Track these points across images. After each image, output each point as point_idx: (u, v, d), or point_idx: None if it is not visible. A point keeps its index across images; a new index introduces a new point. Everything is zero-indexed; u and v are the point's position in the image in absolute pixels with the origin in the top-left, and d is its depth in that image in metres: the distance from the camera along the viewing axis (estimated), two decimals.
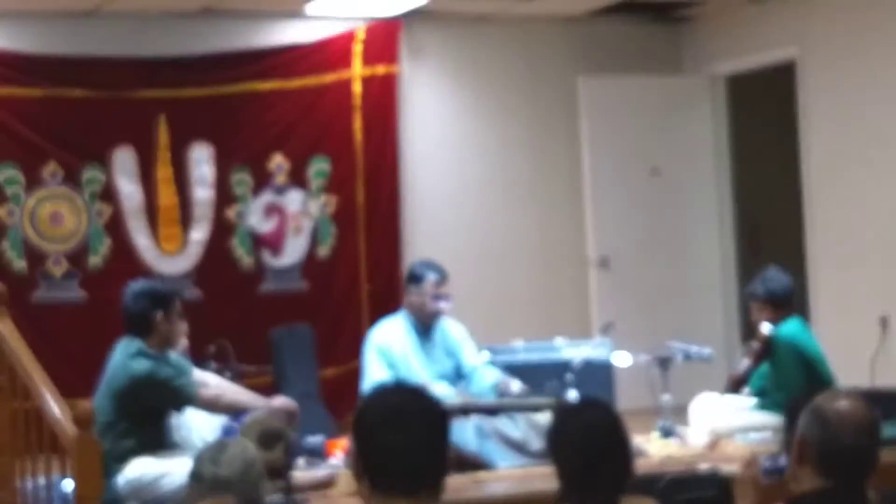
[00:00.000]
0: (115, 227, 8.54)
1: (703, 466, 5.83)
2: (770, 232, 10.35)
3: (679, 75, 9.91)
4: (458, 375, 6.98)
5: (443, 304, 6.81)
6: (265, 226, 8.90)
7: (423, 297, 6.78)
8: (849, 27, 8.59)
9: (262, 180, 8.88)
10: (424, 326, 6.87)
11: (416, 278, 6.84)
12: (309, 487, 5.76)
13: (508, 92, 9.56)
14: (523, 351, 7.82)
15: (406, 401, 2.83)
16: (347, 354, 8.62)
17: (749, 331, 7.29)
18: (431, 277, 6.79)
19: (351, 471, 2.85)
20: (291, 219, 8.94)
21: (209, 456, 4.11)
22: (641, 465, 5.27)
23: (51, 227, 8.44)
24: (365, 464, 2.79)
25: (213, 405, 5.90)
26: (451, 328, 6.97)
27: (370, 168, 9.07)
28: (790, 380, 6.72)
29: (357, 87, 9.06)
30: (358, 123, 9.06)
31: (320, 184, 9.01)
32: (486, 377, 6.89)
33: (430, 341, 6.88)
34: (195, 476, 4.09)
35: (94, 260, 8.50)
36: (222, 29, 8.82)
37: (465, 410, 6.46)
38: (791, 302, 6.96)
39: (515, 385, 6.75)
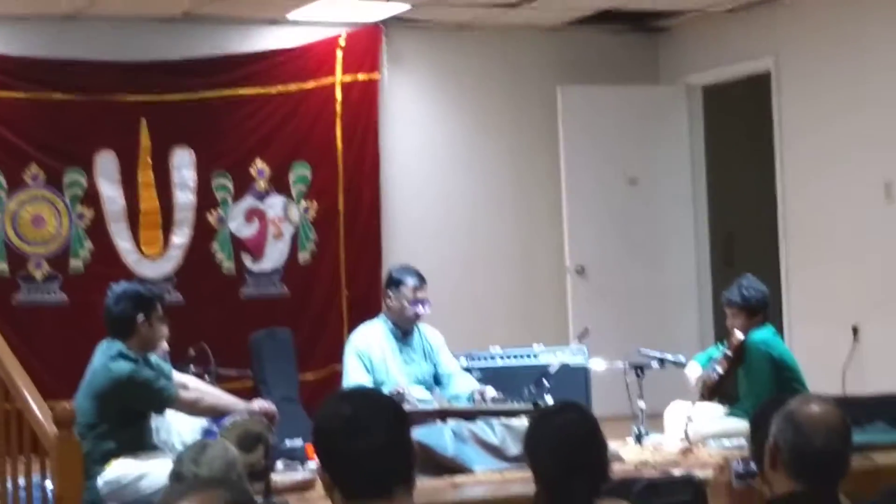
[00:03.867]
0: (97, 230, 8.56)
1: (678, 471, 5.90)
2: (744, 240, 10.44)
3: (656, 85, 9.99)
4: (435, 380, 7.04)
5: (421, 309, 6.87)
6: (246, 230, 8.94)
7: (402, 301, 6.84)
8: (823, 39, 8.69)
9: (243, 185, 8.92)
10: (403, 331, 6.93)
11: (395, 283, 6.89)
12: (288, 490, 5.80)
13: (488, 100, 9.63)
14: (501, 357, 7.88)
15: (359, 405, 2.82)
16: (327, 358, 8.69)
17: (723, 338, 7.36)
18: (410, 282, 6.86)
19: (322, 485, 2.87)
20: (272, 224, 8.98)
21: (190, 456, 4.15)
22: (617, 470, 5.33)
23: (32, 230, 8.45)
24: (332, 474, 2.78)
25: (193, 408, 5.92)
26: (429, 333, 7.03)
27: (350, 174, 9.12)
28: (762, 386, 6.78)
29: (338, 94, 9.11)
30: (339, 130, 9.11)
31: (301, 189, 9.06)
32: (461, 384, 6.95)
33: (408, 346, 6.93)
34: (176, 476, 4.14)
35: (76, 263, 8.52)
36: (204, 34, 8.86)
37: (443, 415, 6.52)
38: (766, 310, 7.04)
39: (490, 392, 6.80)
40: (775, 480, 3.34)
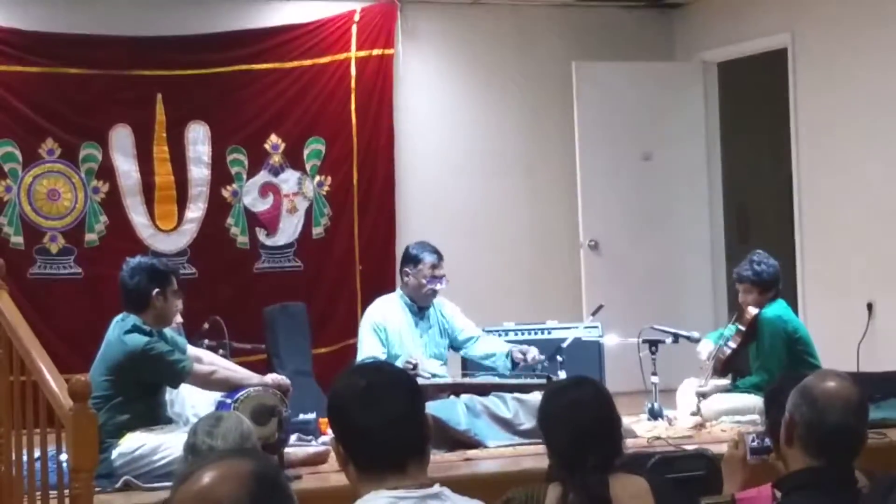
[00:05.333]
0: (112, 204, 8.56)
1: (691, 447, 5.90)
2: (759, 217, 10.40)
3: (671, 61, 9.95)
4: (458, 349, 7.06)
5: (438, 286, 6.90)
6: (260, 205, 8.94)
7: (419, 278, 6.86)
8: (839, 15, 8.63)
9: (257, 160, 8.92)
10: (419, 306, 6.94)
11: (413, 260, 6.91)
12: (301, 463, 5.83)
13: (502, 76, 9.60)
14: (514, 332, 7.87)
15: (374, 378, 2.84)
16: (340, 333, 8.70)
17: (736, 317, 7.34)
18: (428, 260, 6.87)
19: (336, 459, 2.88)
20: (286, 199, 8.99)
21: (205, 428, 4.16)
22: (630, 445, 5.34)
23: (48, 204, 8.47)
24: (346, 448, 2.79)
25: (207, 381, 5.94)
26: (444, 306, 7.05)
27: (365, 150, 9.11)
28: (774, 362, 6.78)
29: (353, 69, 9.09)
30: (353, 105, 9.09)
31: (315, 164, 9.05)
32: (488, 344, 6.98)
33: (424, 321, 6.95)
34: (190, 448, 4.15)
35: (91, 237, 8.53)
36: (220, 9, 8.84)
37: (456, 389, 6.53)
38: (778, 285, 7.02)
39: (533, 352, 6.81)
40: (791, 456, 3.34)
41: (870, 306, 8.34)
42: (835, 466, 3.28)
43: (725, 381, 7.10)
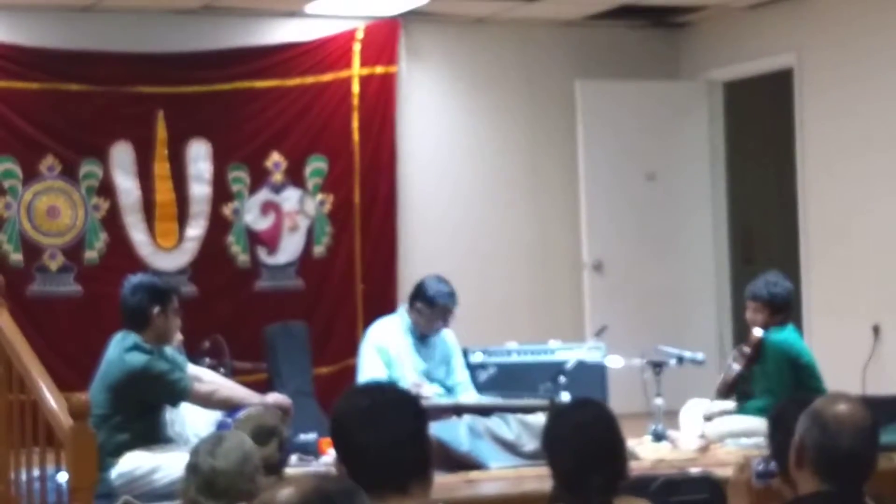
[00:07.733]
0: (112, 221, 8.54)
1: (695, 470, 5.86)
2: (764, 238, 10.38)
3: (676, 81, 9.92)
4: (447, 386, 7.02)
5: (445, 325, 6.88)
6: (261, 223, 8.91)
7: (432, 323, 6.82)
8: (846, 35, 8.62)
9: (259, 178, 8.89)
10: (422, 334, 6.90)
11: (429, 301, 6.84)
12: None
13: (506, 94, 9.58)
14: (517, 353, 7.84)
15: (376, 399, 2.83)
16: (341, 353, 8.66)
17: (741, 335, 7.30)
18: (443, 305, 6.82)
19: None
20: (288, 217, 8.96)
21: (206, 448, 4.13)
22: (634, 468, 5.29)
23: (47, 221, 8.44)
24: (348, 468, 2.78)
25: (207, 400, 5.91)
26: (447, 335, 7.00)
27: (367, 168, 9.08)
28: (778, 385, 6.74)
29: (355, 87, 9.08)
30: (356, 123, 9.07)
31: (317, 183, 9.03)
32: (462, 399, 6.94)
33: (426, 345, 6.90)
34: (192, 468, 4.11)
35: (90, 254, 8.50)
36: (222, 26, 8.83)
37: (458, 410, 6.50)
38: (789, 309, 6.97)
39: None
40: (801, 479, 3.30)
41: (876, 329, 8.30)
42: (845, 491, 3.24)
43: (731, 404, 7.06)
